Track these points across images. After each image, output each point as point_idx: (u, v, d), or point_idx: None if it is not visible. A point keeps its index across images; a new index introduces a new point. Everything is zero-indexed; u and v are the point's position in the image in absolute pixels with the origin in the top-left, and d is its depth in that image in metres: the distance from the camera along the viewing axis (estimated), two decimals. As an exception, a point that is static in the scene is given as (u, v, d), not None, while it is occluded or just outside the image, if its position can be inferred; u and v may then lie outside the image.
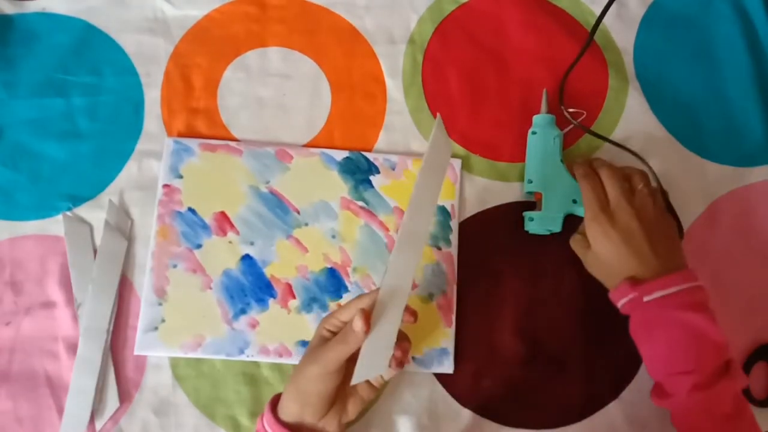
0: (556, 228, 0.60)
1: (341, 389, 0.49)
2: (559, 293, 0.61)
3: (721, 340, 0.50)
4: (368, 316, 0.46)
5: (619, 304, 0.53)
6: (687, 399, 0.49)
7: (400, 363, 0.50)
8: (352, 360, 0.46)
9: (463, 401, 0.59)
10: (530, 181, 0.60)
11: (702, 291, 0.51)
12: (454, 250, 0.61)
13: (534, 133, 0.62)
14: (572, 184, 0.59)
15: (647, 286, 0.50)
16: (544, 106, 0.63)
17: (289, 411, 0.48)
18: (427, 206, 0.50)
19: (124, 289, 0.59)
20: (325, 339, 0.49)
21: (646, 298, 0.50)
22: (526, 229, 0.61)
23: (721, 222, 0.63)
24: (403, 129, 0.65)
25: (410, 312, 0.50)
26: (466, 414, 0.58)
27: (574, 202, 0.59)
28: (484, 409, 0.58)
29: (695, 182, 0.64)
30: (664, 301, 0.50)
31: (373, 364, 0.46)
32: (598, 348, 0.60)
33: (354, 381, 0.45)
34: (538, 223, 0.59)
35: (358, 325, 0.45)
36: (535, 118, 0.63)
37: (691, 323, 0.49)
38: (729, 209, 0.63)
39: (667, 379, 0.51)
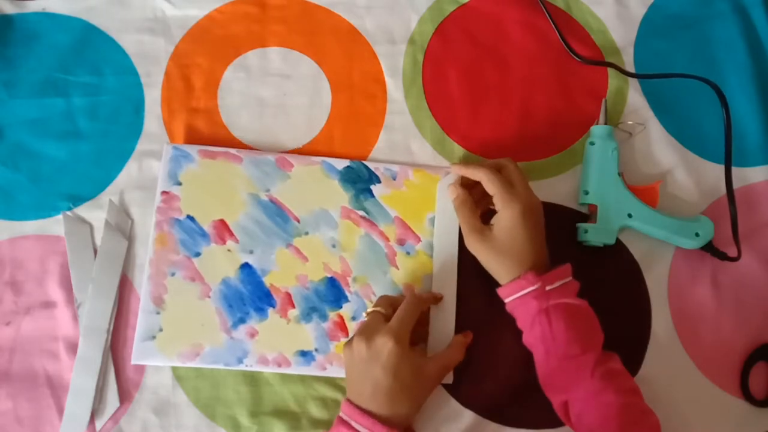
0: (611, 241, 0.59)
1: None
2: (559, 293, 0.62)
3: (599, 325, 0.54)
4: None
5: (520, 293, 0.54)
6: (593, 379, 0.51)
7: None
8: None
9: (464, 402, 0.59)
10: (586, 192, 0.60)
11: (576, 282, 0.55)
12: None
13: (592, 143, 0.61)
14: (628, 197, 0.59)
15: (549, 277, 0.53)
16: (602, 117, 0.62)
17: (398, 415, 0.51)
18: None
19: (124, 289, 0.59)
20: (384, 317, 0.54)
21: (548, 287, 0.53)
22: (580, 240, 0.60)
23: (721, 222, 0.63)
24: (404, 129, 0.65)
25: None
26: (467, 414, 0.58)
27: (630, 216, 0.59)
28: (484, 409, 0.58)
29: (695, 182, 0.64)
30: (561, 289, 0.53)
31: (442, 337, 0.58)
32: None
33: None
34: (592, 235, 0.59)
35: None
36: (594, 129, 0.62)
37: (584, 308, 0.54)
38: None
39: (569, 362, 0.52)
